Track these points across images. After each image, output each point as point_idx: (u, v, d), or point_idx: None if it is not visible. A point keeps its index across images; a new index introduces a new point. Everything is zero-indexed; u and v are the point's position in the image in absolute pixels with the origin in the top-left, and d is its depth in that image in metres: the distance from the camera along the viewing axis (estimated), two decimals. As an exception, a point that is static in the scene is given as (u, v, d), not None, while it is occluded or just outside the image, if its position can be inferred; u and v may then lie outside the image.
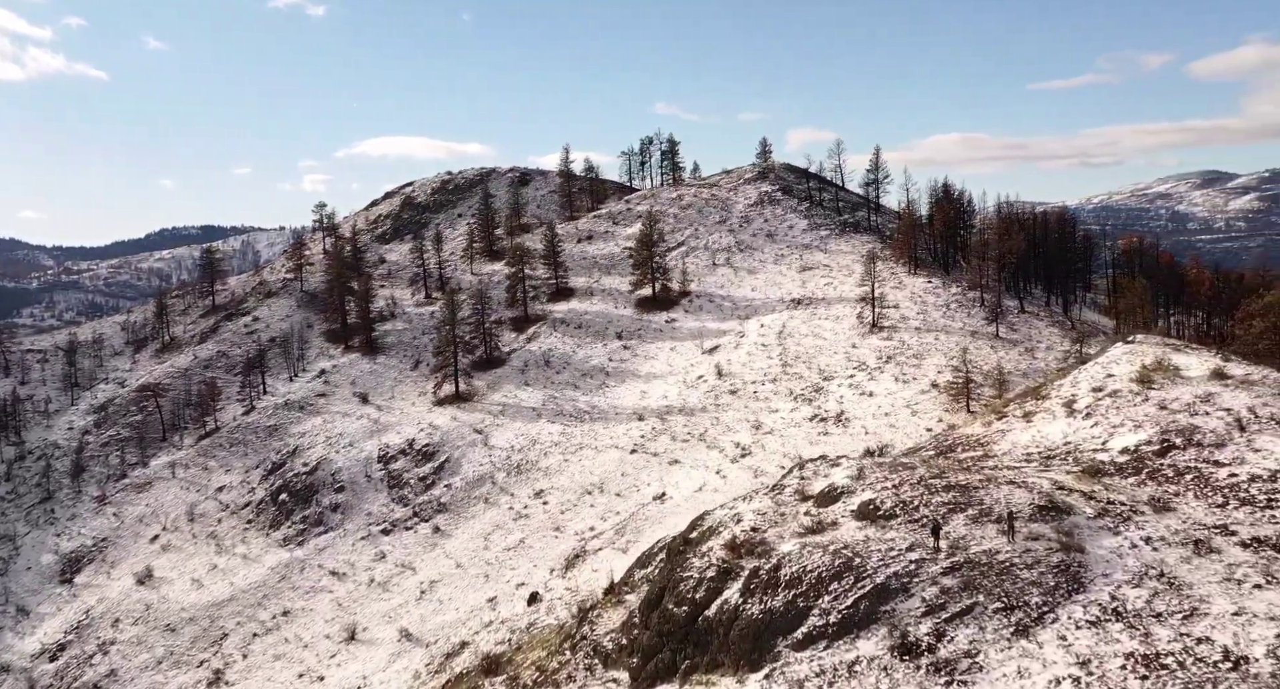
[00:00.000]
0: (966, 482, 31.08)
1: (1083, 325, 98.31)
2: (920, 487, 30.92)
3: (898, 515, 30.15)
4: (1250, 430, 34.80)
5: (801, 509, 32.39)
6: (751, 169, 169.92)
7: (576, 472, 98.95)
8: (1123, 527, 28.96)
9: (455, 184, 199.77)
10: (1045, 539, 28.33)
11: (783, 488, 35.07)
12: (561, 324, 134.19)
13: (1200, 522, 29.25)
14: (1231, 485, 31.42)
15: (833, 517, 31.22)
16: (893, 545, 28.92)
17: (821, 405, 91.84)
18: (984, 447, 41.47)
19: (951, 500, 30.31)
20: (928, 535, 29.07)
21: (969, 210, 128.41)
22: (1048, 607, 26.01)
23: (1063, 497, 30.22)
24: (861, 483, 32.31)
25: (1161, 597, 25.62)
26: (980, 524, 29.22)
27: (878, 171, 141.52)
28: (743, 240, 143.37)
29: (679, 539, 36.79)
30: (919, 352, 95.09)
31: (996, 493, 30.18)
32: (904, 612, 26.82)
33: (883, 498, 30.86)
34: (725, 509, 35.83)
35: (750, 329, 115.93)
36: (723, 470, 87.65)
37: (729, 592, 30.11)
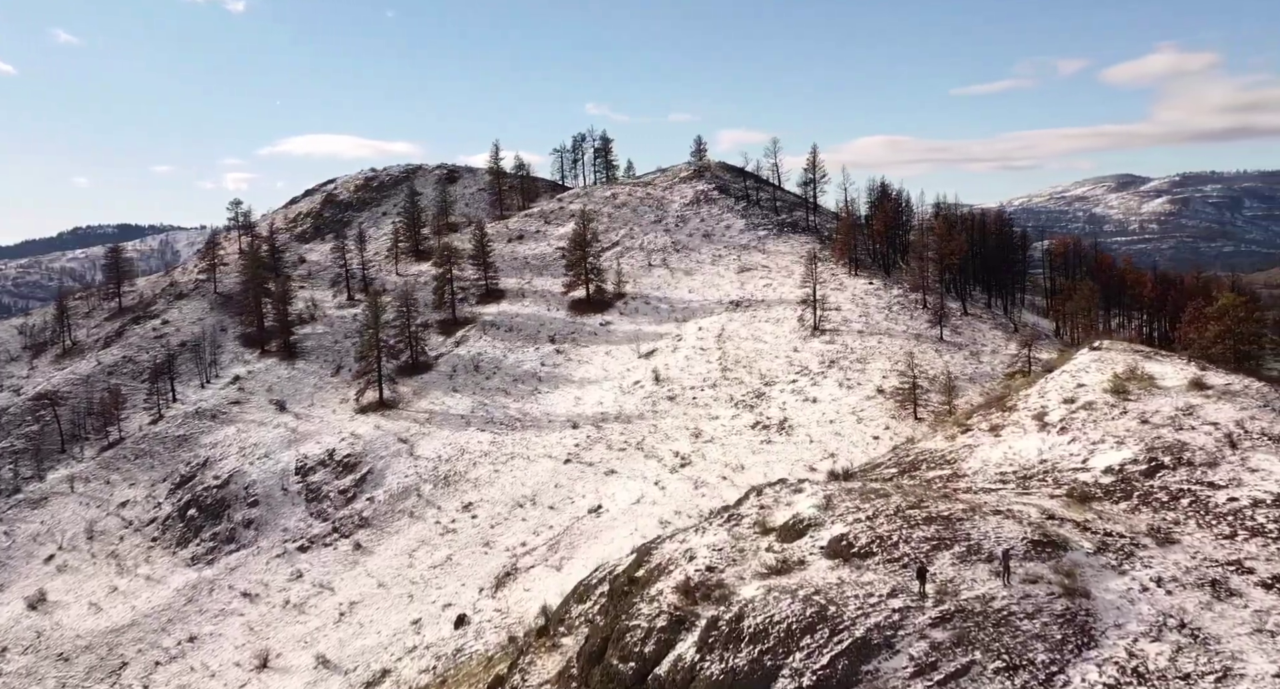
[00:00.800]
0: (949, 512, 27.45)
1: (1025, 329, 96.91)
2: (898, 519, 27.22)
3: (875, 553, 26.34)
4: (1243, 448, 32.00)
5: (763, 544, 28.43)
6: (687, 168, 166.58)
7: (507, 483, 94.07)
8: (1127, 564, 25.68)
9: (380, 181, 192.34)
10: (1045, 582, 24.80)
11: (740, 518, 31.07)
12: (492, 327, 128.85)
13: (1211, 557, 26.15)
14: (1235, 512, 28.47)
15: (800, 554, 27.31)
16: (872, 590, 25.11)
17: (764, 412, 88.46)
18: (952, 465, 37.99)
19: (934, 535, 26.64)
20: (911, 578, 25.30)
21: (907, 211, 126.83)
22: (1056, 665, 22.44)
23: (1055, 528, 26.83)
24: (830, 513, 28.47)
25: (1186, 653, 22.28)
26: (969, 563, 25.61)
27: (815, 171, 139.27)
28: (679, 240, 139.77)
29: (623, 577, 32.56)
30: (862, 355, 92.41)
31: (984, 526, 26.64)
32: (889, 672, 22.96)
33: (856, 532, 27.05)
34: (675, 542, 31.71)
35: (688, 332, 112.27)
36: (661, 481, 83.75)
37: (683, 646, 25.94)
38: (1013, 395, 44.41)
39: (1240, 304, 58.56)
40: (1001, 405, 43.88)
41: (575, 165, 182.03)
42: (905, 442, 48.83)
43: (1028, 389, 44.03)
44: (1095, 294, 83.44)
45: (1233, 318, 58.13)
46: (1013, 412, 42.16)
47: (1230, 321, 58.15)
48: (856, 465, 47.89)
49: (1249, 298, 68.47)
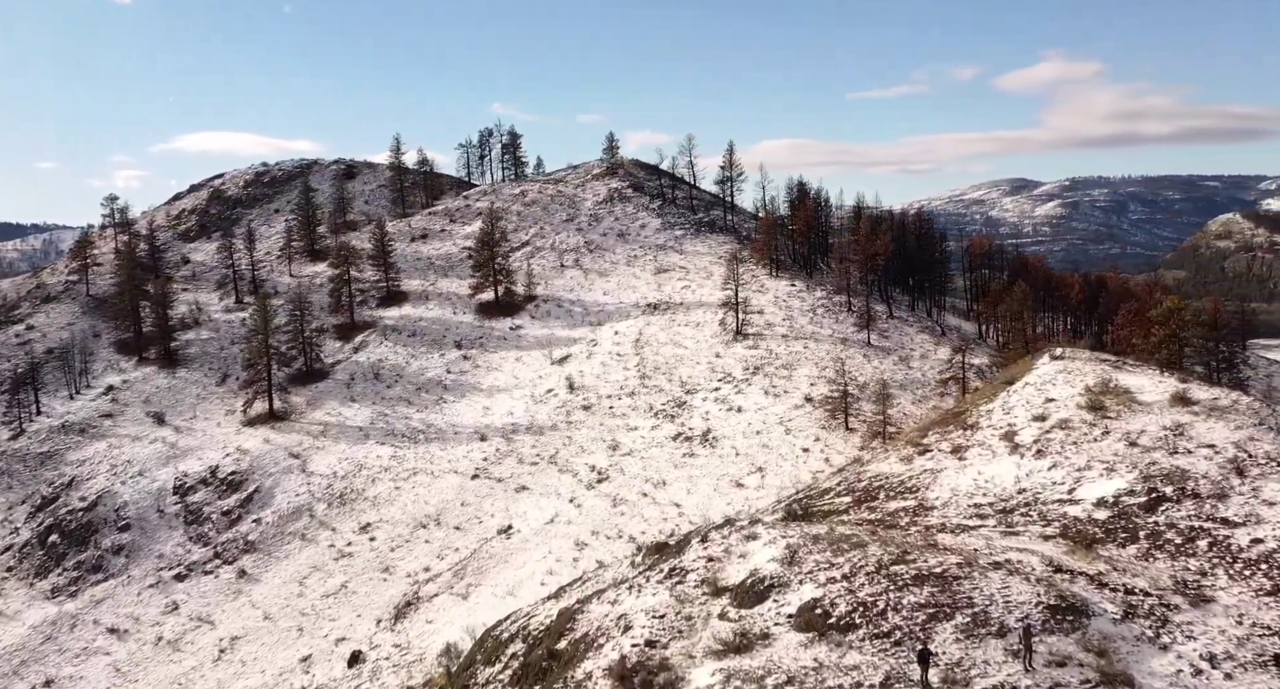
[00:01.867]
0: (942, 568, 22.42)
1: (952, 332, 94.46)
2: (881, 578, 22.08)
3: (858, 625, 21.13)
4: (1251, 476, 28.04)
5: (715, 609, 22.97)
6: (600, 165, 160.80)
7: (409, 501, 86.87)
8: (1165, 634, 21.10)
9: (272, 176, 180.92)
10: (1074, 663, 19.86)
11: (684, 573, 25.50)
12: (393, 332, 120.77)
13: (1261, 623, 21.84)
14: (1266, 557, 24.30)
15: (763, 624, 21.91)
16: (861, 679, 19.86)
17: (685, 422, 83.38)
18: (915, 494, 33.18)
19: (929, 599, 21.62)
20: (909, 660, 20.17)
21: (826, 211, 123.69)
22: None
23: (1068, 585, 22.09)
24: (796, 570, 23.16)
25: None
26: (977, 639, 20.66)
27: (731, 169, 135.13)
28: (592, 240, 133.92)
29: (541, 645, 26.72)
30: (788, 361, 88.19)
31: (986, 585, 21.71)
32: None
33: (832, 597, 21.80)
34: (605, 604, 25.95)
35: (604, 337, 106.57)
36: (577, 498, 77.96)
37: (621, 755, 20.39)
38: (972, 410, 40.01)
39: (1185, 307, 55.98)
40: (961, 422, 39.38)
41: (482, 162, 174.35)
42: (853, 462, 44.07)
43: (988, 403, 39.69)
44: (1028, 296, 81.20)
45: (1177, 321, 55.31)
46: (975, 430, 37.66)
47: (1175, 325, 55.30)
48: (801, 489, 42.85)
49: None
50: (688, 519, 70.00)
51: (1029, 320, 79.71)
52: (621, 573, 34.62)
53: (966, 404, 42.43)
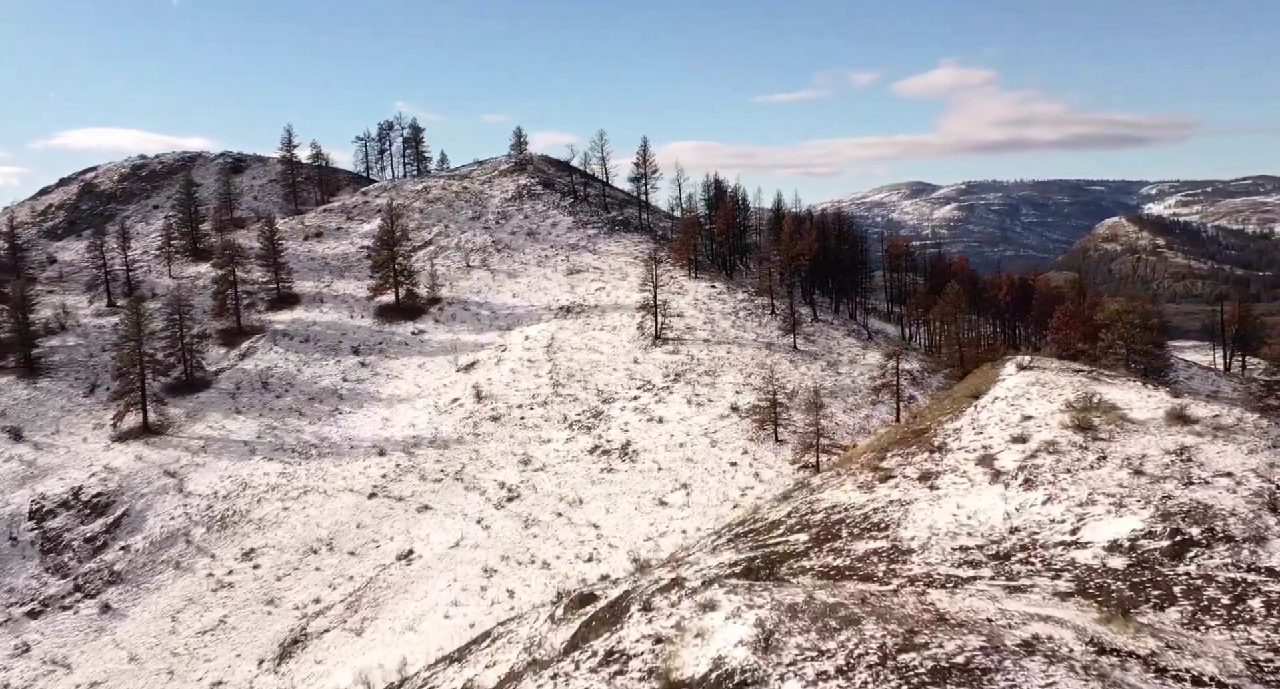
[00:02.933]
0: (963, 655, 17.26)
1: (879, 335, 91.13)
2: (889, 673, 16.78)
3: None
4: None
5: (670, 718, 17.60)
6: (507, 160, 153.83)
7: (299, 524, 78.95)
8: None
9: (151, 170, 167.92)
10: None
11: (624, 660, 19.74)
12: (284, 337, 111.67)
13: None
14: (1345, 624, 20.24)
15: (738, 747, 16.64)
16: None
17: (603, 434, 77.61)
18: (885, 532, 28.18)
19: (960, 708, 16.92)
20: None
21: (744, 210, 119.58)
22: None
23: (1120, 674, 17.23)
24: (775, 660, 17.65)
25: None
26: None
27: (646, 165, 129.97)
28: (501, 239, 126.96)
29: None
30: (711, 367, 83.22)
31: (1026, 683, 16.71)
32: None
33: (830, 704, 16.83)
34: (521, 699, 20.11)
35: (514, 341, 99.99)
36: (485, 519, 71.49)
37: None
38: (935, 428, 35.29)
39: (1133, 310, 53.05)
40: (924, 442, 34.60)
41: (382, 157, 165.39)
42: (799, 486, 38.94)
43: (953, 420, 35.03)
44: (962, 298, 78.18)
45: (1125, 324, 52.18)
46: (944, 453, 32.89)
47: (1123, 329, 52.14)
48: (744, 520, 37.49)
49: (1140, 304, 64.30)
50: (607, 542, 64.37)
51: (961, 322, 76.76)
52: (538, 631, 28.63)
53: (926, 420, 37.74)
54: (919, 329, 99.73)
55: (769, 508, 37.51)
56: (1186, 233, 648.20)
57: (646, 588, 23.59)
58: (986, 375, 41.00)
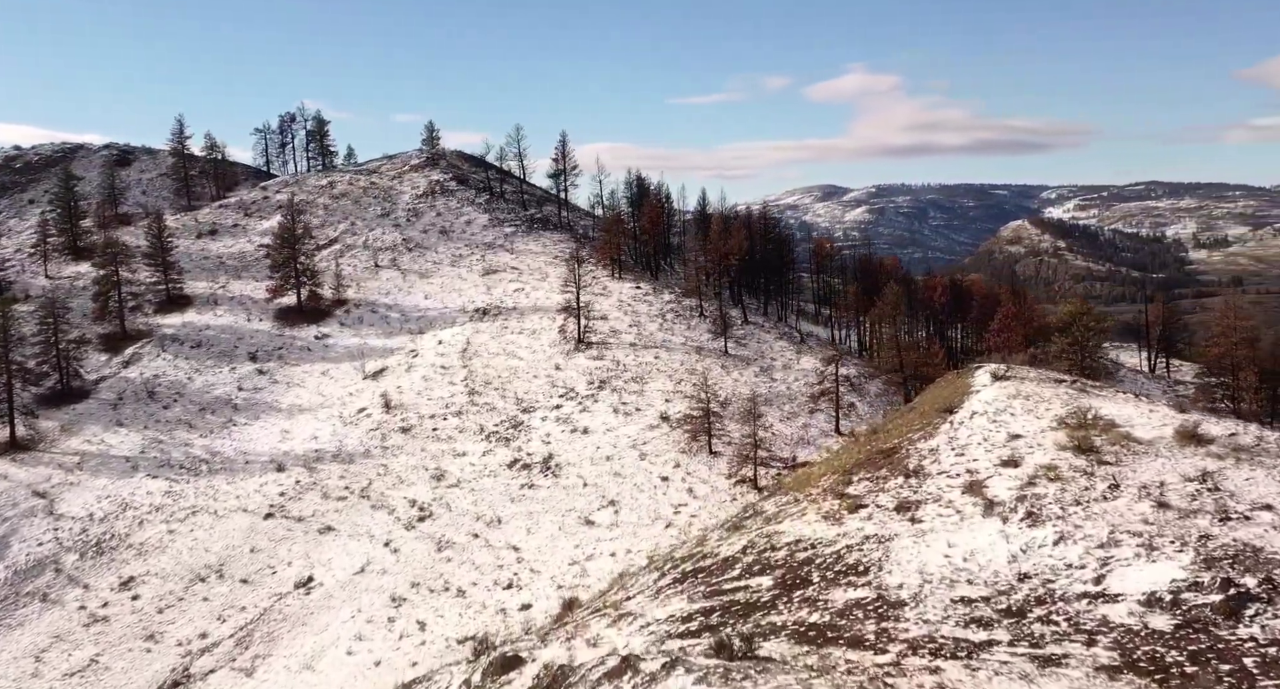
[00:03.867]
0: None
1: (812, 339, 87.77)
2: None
3: None
4: (1345, 551, 20.47)
5: None
6: (418, 155, 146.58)
7: (185, 548, 71.48)
8: None
9: (26, 162, 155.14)
10: None
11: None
12: (174, 342, 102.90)
13: None
14: None
15: None
16: None
17: (523, 446, 72.19)
18: (866, 579, 23.89)
19: None
20: None
21: (670, 208, 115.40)
22: None
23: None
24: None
25: None
26: None
27: (565, 161, 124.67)
28: (412, 237, 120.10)
29: None
30: (638, 373, 78.51)
31: None
32: None
33: None
34: None
35: (426, 346, 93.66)
36: (394, 541, 65.41)
37: None
38: (906, 448, 31.20)
39: (1087, 312, 50.37)
40: (896, 464, 30.45)
41: (284, 150, 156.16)
42: (751, 513, 34.45)
43: (926, 439, 30.99)
44: (901, 300, 75.24)
45: (1080, 328, 49.36)
46: (922, 477, 28.78)
47: (1078, 332, 49.30)
48: (689, 550, 32.84)
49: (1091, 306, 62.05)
50: (529, 566, 59.09)
51: (899, 324, 73.87)
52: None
53: (892, 436, 33.64)
54: (850, 332, 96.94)
55: (718, 539, 32.88)
56: (1085, 236, 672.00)
57: (589, 670, 18.61)
58: (955, 386, 37.26)
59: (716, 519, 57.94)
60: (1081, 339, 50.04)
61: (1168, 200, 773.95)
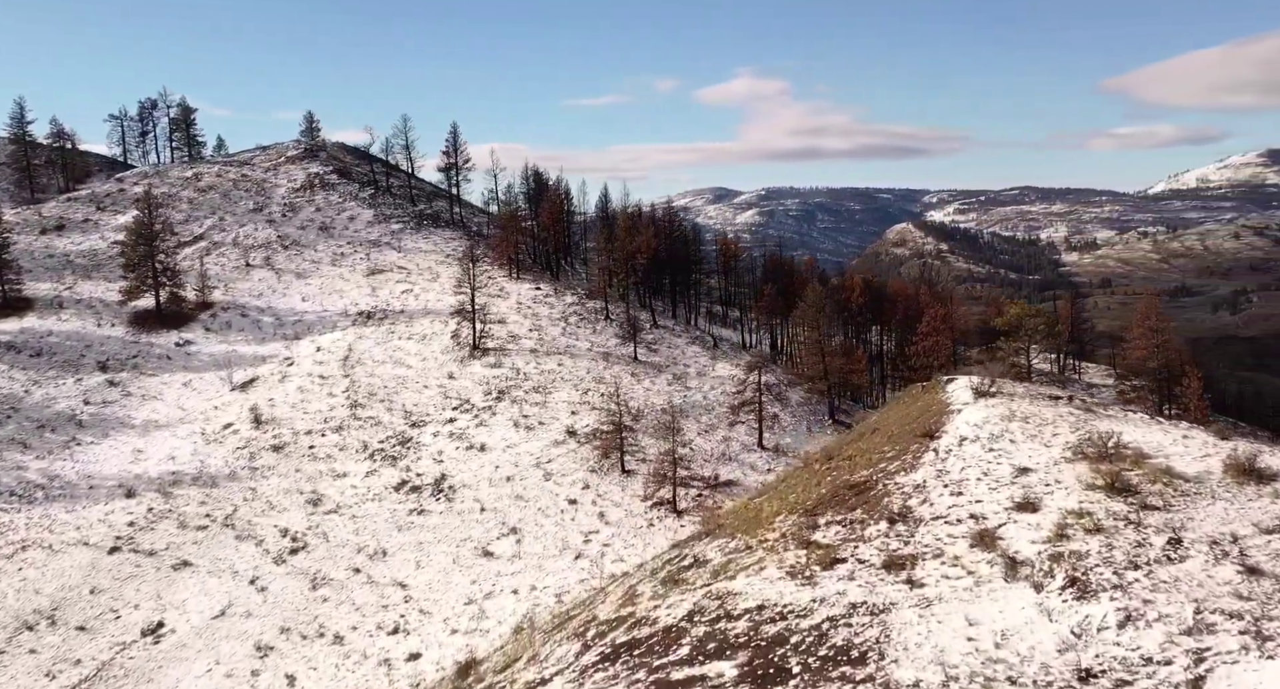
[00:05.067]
0: None
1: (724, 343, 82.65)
2: None
3: None
4: None
5: None
6: (296, 146, 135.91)
7: (12, 590, 61.35)
8: None
9: None
10: None
11: None
12: (9, 350, 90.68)
13: None
14: None
15: None
16: None
17: (412, 466, 64.64)
18: (865, 668, 18.47)
19: None
20: None
21: (570, 204, 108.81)
22: None
23: None
24: None
25: None
26: None
27: (457, 154, 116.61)
28: (288, 234, 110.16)
29: None
30: (541, 383, 71.74)
31: None
32: None
33: None
34: None
35: (303, 353, 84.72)
36: (262, 577, 57.14)
37: None
38: (881, 482, 25.77)
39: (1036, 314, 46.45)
40: (873, 504, 24.93)
41: (145, 140, 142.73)
42: (690, 562, 28.40)
43: (909, 472, 25.61)
44: (825, 301, 70.63)
45: (1028, 330, 45.28)
46: (912, 523, 23.34)
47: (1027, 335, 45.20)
48: (615, 613, 26.70)
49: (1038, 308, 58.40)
50: (418, 606, 51.85)
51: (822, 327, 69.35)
52: None
53: (858, 464, 28.17)
54: (763, 335, 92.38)
55: (651, 596, 26.78)
56: (966, 239, 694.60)
57: None
58: (926, 403, 32.16)
59: (633, 548, 51.93)
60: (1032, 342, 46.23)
61: (1040, 204, 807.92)
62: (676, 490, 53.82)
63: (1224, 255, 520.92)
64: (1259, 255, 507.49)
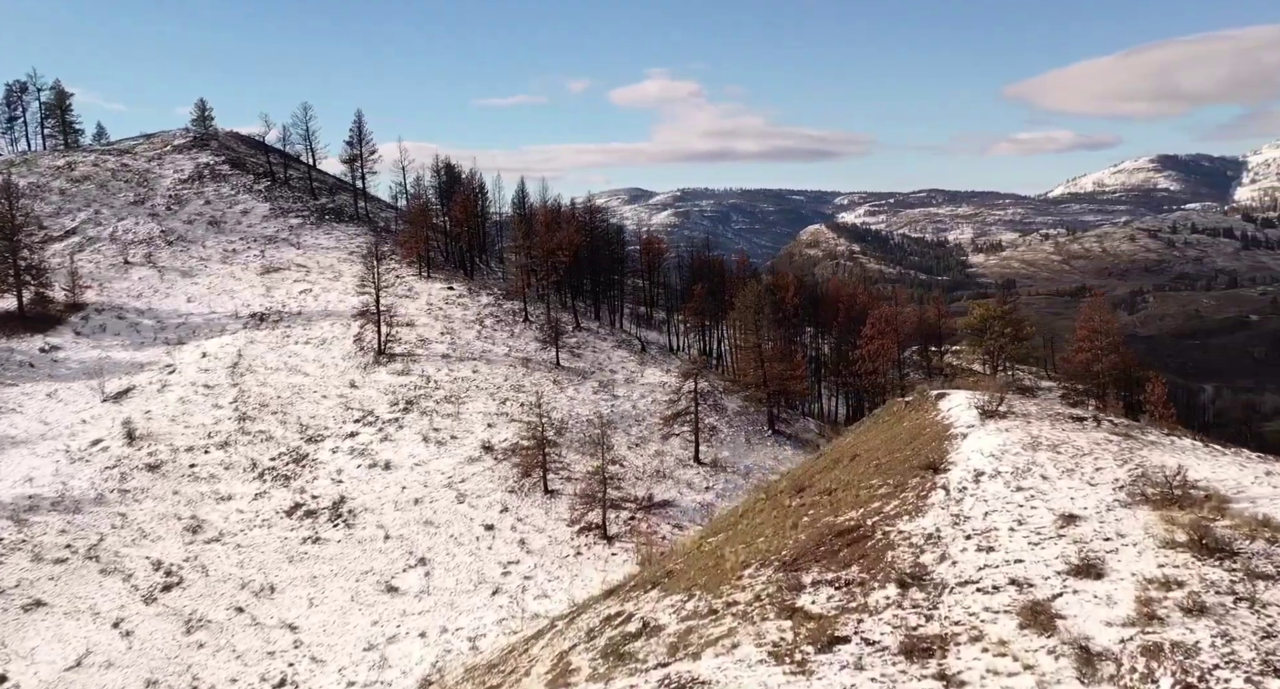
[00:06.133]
0: None
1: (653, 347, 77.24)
2: None
3: None
4: None
5: None
6: (185, 134, 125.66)
7: None
8: None
9: None
10: None
11: None
12: None
13: None
14: None
15: None
16: None
17: (307, 487, 57.55)
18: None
19: None
20: None
21: (485, 199, 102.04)
22: None
23: None
24: None
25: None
26: None
27: (362, 144, 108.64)
28: (173, 229, 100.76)
29: None
30: (454, 392, 65.20)
31: None
32: None
33: None
34: None
35: (186, 360, 76.34)
36: (128, 619, 49.60)
37: None
38: (880, 527, 20.69)
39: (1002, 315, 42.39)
40: (876, 559, 19.82)
41: (13, 126, 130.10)
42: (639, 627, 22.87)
43: (914, 516, 20.54)
44: (763, 298, 65.75)
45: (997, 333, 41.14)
46: (930, 588, 18.26)
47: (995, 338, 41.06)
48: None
49: (1011, 308, 54.46)
50: (309, 653, 45.09)
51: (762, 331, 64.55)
52: None
53: (839, 500, 23.05)
54: (693, 338, 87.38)
55: (590, 676, 21.30)
56: (877, 240, 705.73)
57: None
58: (916, 423, 27.17)
59: (558, 581, 46.14)
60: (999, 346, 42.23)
61: (947, 207, 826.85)
62: (607, 513, 48.26)
63: (1121, 257, 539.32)
64: (1153, 257, 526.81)
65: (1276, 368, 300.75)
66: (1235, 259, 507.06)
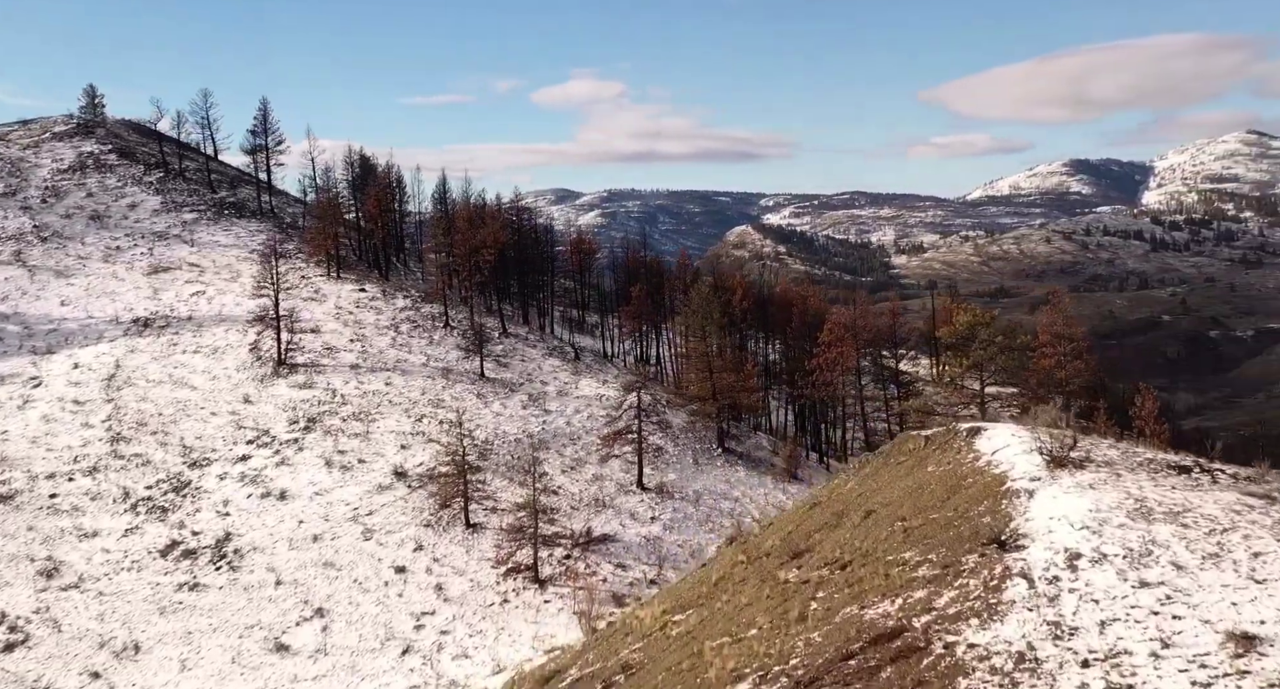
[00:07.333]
0: None
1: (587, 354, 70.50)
2: None
3: None
4: None
5: None
6: (68, 121, 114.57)
7: None
8: None
9: None
10: None
11: None
12: None
13: None
14: None
15: None
16: None
17: (187, 521, 49.52)
18: None
19: None
20: None
21: (403, 193, 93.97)
22: None
23: None
24: None
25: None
26: None
27: (267, 135, 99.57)
28: (48, 224, 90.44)
29: None
30: (363, 408, 57.59)
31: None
32: None
33: None
34: None
35: (54, 372, 67.05)
36: (-43, 691, 41.14)
37: None
38: (935, 634, 14.70)
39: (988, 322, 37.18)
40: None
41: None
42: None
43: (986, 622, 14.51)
44: (714, 300, 59.63)
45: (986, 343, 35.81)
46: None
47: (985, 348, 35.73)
48: None
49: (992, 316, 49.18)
50: (183, 731, 37.45)
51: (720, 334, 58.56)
52: None
53: (865, 588, 16.99)
54: (630, 344, 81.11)
55: None
56: (803, 241, 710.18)
57: None
58: (948, 469, 21.13)
59: (481, 635, 39.26)
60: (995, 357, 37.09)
61: (870, 209, 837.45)
62: (539, 552, 41.60)
63: (1037, 259, 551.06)
64: (1068, 259, 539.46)
65: (1188, 367, 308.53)
66: (1145, 261, 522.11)
